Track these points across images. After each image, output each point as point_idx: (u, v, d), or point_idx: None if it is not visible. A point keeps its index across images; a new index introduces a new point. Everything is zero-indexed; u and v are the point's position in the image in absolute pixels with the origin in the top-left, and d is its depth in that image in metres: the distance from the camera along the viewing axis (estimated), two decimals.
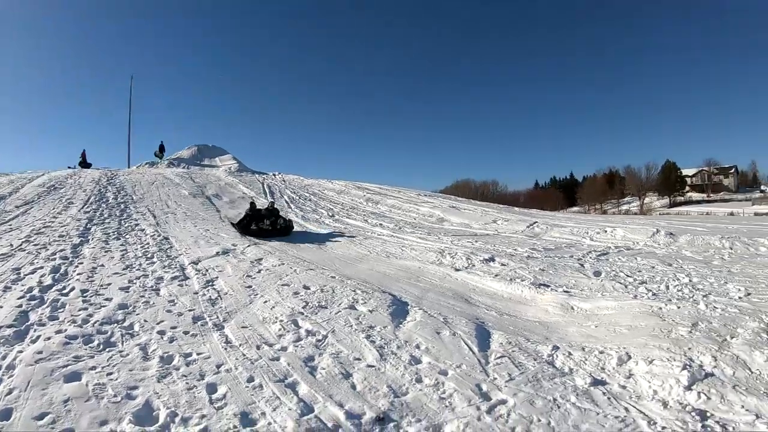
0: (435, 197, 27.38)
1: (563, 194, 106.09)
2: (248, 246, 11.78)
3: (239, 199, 21.43)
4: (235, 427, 3.81)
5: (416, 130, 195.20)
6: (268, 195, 23.09)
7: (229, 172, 30.74)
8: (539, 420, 3.79)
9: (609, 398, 4.23)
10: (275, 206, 14.86)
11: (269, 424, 3.87)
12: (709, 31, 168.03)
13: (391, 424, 3.63)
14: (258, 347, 5.45)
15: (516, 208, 30.76)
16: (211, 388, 4.50)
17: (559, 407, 4.00)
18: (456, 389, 4.23)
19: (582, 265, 9.83)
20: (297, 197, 23.74)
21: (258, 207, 14.47)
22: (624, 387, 4.50)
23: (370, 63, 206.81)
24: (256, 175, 30.34)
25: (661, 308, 6.62)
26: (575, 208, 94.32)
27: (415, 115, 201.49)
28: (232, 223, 14.57)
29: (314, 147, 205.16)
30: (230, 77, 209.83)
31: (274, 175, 31.66)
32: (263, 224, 12.97)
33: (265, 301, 7.17)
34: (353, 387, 4.50)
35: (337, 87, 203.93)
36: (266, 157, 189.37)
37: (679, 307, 6.65)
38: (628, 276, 8.85)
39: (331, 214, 19.79)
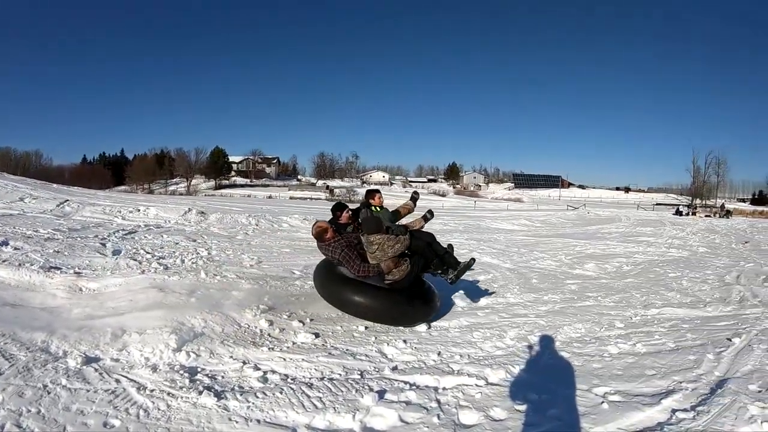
0: None
1: (112, 172, 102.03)
2: None
3: None
4: None
5: None
6: None
7: None
8: (29, 411, 3.56)
9: (101, 373, 4.25)
10: None
11: None
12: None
13: None
14: None
15: (55, 185, 28.42)
16: None
17: (49, 393, 3.85)
18: None
19: (104, 245, 9.71)
20: None
21: None
22: (117, 360, 4.59)
23: None
24: None
25: (165, 280, 7.04)
26: (123, 187, 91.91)
27: None
28: None
29: None
30: None
31: None
32: None
33: None
34: None
35: None
36: None
37: (181, 278, 7.13)
38: (147, 253, 9.31)
39: None
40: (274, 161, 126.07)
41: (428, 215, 7.24)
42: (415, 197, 7.68)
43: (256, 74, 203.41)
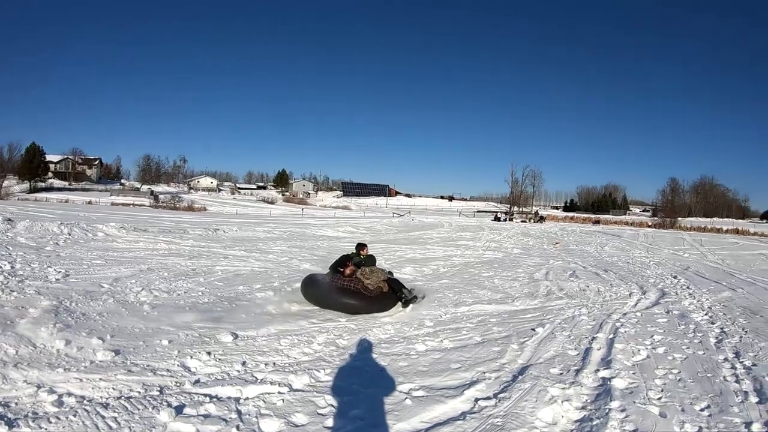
0: None
1: None
2: None
3: None
4: None
5: None
6: None
7: None
8: None
9: None
10: None
11: None
12: None
13: None
14: None
15: None
16: None
17: None
18: None
19: None
20: None
21: None
22: None
23: None
24: None
25: None
26: None
27: None
28: None
29: None
30: None
31: None
32: None
33: None
34: None
35: None
36: None
37: None
38: None
39: None
40: (96, 162, 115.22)
41: None
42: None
43: (81, 65, 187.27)
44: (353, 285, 8.15)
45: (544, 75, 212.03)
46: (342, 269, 8.55)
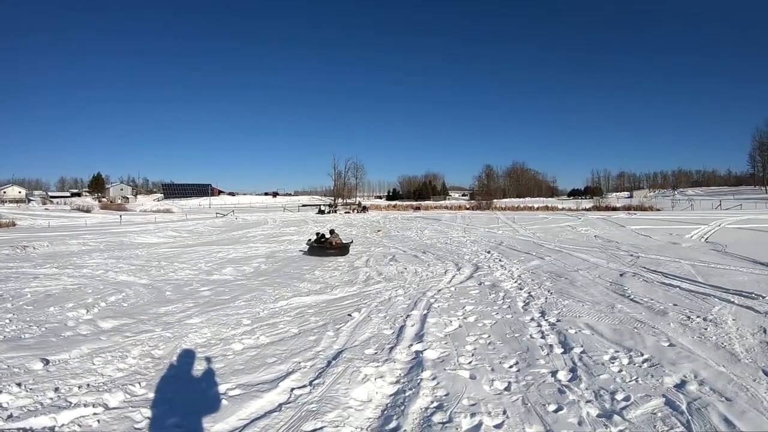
0: None
1: None
2: None
3: None
4: None
5: None
6: None
7: None
8: None
9: None
10: None
11: None
12: None
13: None
14: None
15: None
16: None
17: None
18: None
19: None
20: None
21: None
22: None
23: None
24: None
25: None
26: None
27: None
28: None
29: None
30: None
31: None
32: None
33: None
34: None
35: None
36: None
37: None
38: None
39: None
40: None
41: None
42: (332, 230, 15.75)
43: None
44: (333, 245, 15.80)
45: (364, 68, 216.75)
46: (327, 240, 16.09)
